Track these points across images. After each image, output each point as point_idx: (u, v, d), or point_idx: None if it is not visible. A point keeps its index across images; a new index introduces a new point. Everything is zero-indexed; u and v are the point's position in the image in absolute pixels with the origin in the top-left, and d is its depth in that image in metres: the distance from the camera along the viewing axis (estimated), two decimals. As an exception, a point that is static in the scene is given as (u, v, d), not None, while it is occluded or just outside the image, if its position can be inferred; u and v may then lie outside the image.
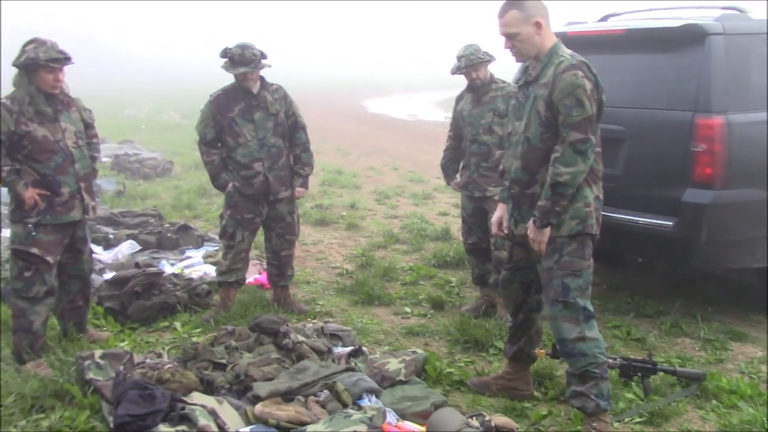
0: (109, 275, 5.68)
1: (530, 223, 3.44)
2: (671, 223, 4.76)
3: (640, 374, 3.98)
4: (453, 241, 7.30)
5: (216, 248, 6.79)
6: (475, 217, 5.26)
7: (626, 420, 3.71)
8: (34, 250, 4.12)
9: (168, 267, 6.16)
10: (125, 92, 35.50)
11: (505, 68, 4.98)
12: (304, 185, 5.33)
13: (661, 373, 4.05)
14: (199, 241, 7.08)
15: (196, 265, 6.27)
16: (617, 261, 6.48)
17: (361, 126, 21.80)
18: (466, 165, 5.24)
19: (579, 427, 3.53)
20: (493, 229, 3.87)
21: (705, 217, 4.69)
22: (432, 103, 30.63)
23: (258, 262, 6.27)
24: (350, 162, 13.81)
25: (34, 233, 4.11)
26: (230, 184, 5.08)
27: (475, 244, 5.35)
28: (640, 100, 5.07)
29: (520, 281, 3.80)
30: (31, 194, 4.08)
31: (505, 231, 3.75)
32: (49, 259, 4.17)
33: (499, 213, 3.80)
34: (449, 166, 5.47)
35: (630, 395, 3.96)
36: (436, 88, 35.13)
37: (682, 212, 4.74)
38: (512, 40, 3.46)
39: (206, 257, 6.51)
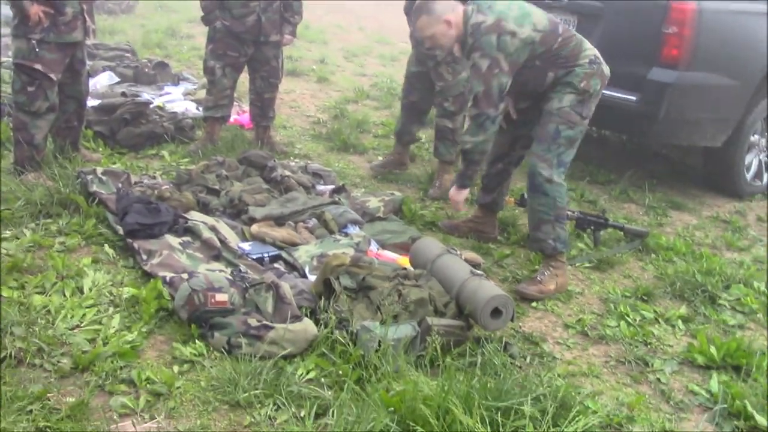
0: (92, 102, 5.81)
1: (452, 186, 4.05)
2: (634, 98, 5.16)
3: (593, 227, 4.48)
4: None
5: (194, 86, 6.93)
6: (420, 77, 5.22)
7: (577, 264, 4.22)
8: (38, 66, 4.24)
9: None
10: None
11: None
12: (293, 33, 5.48)
13: (611, 228, 4.56)
14: (176, 79, 7.19)
15: (177, 101, 6.42)
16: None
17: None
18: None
19: (537, 267, 4.01)
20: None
21: (666, 95, 5.09)
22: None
23: (237, 103, 6.46)
24: (316, 18, 13.68)
25: (37, 50, 4.22)
26: (218, 22, 5.20)
27: (414, 103, 5.33)
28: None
29: (511, 133, 4.12)
30: (36, 10, 4.17)
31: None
32: (52, 76, 4.31)
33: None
34: (410, 12, 5.49)
35: (581, 245, 4.47)
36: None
37: (646, 89, 5.13)
38: (430, 41, 3.84)
39: (186, 94, 6.66)
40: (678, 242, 4.62)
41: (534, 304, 3.68)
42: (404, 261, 3.75)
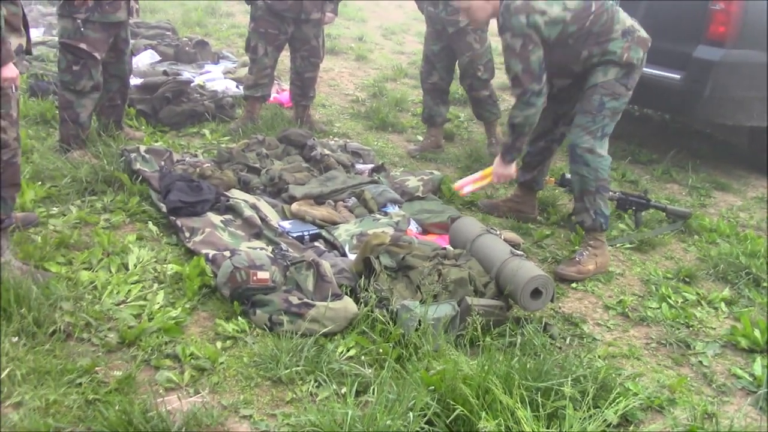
0: (134, 81, 5.88)
1: (497, 158, 3.96)
2: (679, 77, 5.07)
3: (634, 208, 4.42)
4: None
5: (234, 65, 6.97)
6: (441, 56, 5.32)
7: (618, 245, 4.18)
8: (83, 45, 4.31)
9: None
10: None
11: None
12: (334, 11, 5.48)
13: (653, 209, 4.50)
14: (215, 58, 7.24)
15: (217, 79, 6.46)
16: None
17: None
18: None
19: (576, 247, 3.98)
20: None
21: (712, 74, 5.00)
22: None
23: (277, 81, 6.48)
24: (354, -5, 13.66)
25: (82, 29, 4.28)
26: (260, 0, 5.21)
27: (435, 83, 5.43)
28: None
29: (553, 111, 4.07)
30: None
31: None
32: (97, 55, 4.37)
33: None
34: None
35: (623, 226, 4.42)
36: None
37: (691, 67, 5.03)
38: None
39: (226, 72, 6.70)
40: (722, 223, 4.55)
41: (574, 284, 3.66)
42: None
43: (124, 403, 2.29)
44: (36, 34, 7.47)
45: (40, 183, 4.01)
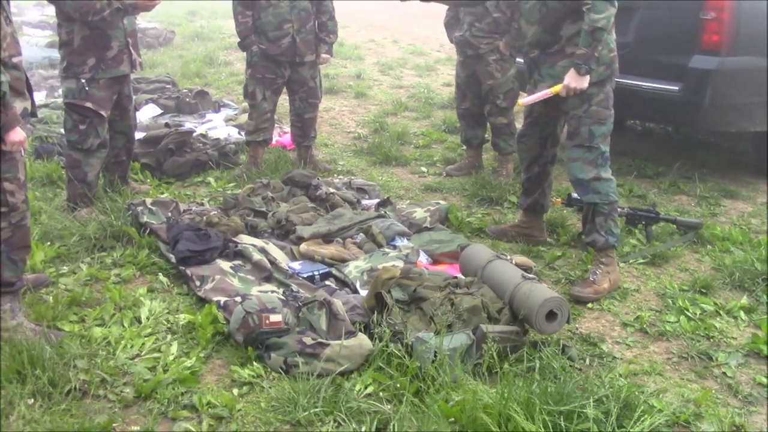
0: (137, 135, 5.94)
1: (571, 71, 3.65)
2: (677, 88, 5.07)
3: (644, 222, 4.40)
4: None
5: (235, 112, 7.03)
6: (469, 83, 5.53)
7: (631, 261, 4.15)
8: (88, 104, 4.35)
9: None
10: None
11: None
12: (329, 52, 5.54)
13: (663, 222, 4.47)
14: (216, 106, 7.32)
15: (219, 127, 6.52)
16: (618, 128, 6.80)
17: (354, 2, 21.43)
18: (461, 25, 5.44)
19: (588, 266, 3.95)
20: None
21: (710, 83, 5.00)
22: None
23: (278, 125, 6.54)
24: (350, 34, 13.78)
25: (87, 88, 4.33)
26: (255, 46, 5.28)
27: (467, 109, 5.66)
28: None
29: (538, 135, 4.12)
30: None
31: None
32: (103, 113, 4.41)
33: None
34: (452, 25, 5.64)
35: (634, 241, 4.39)
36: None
37: (689, 77, 5.04)
38: None
39: (227, 120, 6.76)
40: (734, 231, 4.51)
41: (590, 304, 3.63)
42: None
43: (142, 458, 2.27)
44: (39, 97, 7.57)
45: (49, 243, 4.02)
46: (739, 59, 5.05)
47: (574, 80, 3.66)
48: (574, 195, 4.28)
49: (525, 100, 3.92)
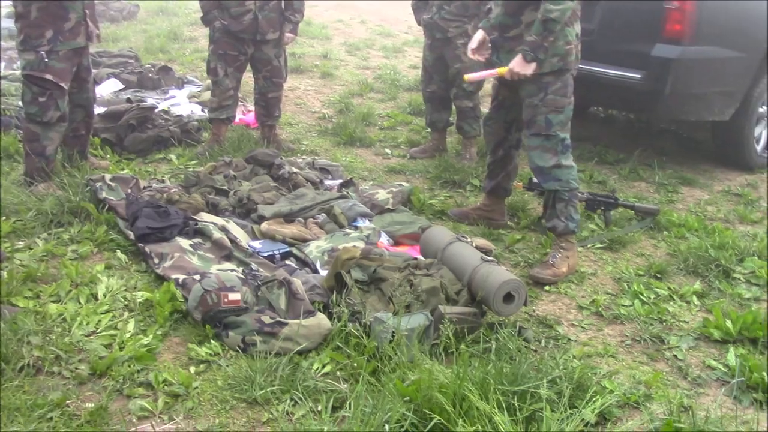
0: (98, 110, 5.84)
1: (518, 57, 3.68)
2: (639, 76, 5.13)
3: (603, 208, 4.46)
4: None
5: (198, 88, 6.95)
6: (436, 66, 5.52)
7: (589, 246, 4.21)
8: (48, 76, 4.25)
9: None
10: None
11: None
12: (294, 31, 5.49)
13: (621, 208, 4.54)
14: (180, 83, 7.21)
15: (182, 104, 6.44)
16: (581, 114, 6.88)
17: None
18: (429, 7, 5.42)
19: (548, 250, 3.99)
20: (469, 53, 4.04)
21: (671, 71, 5.06)
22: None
23: (242, 103, 6.48)
24: (317, 14, 13.66)
25: (46, 60, 4.24)
26: (217, 22, 5.21)
27: (434, 92, 5.64)
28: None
29: (503, 119, 4.14)
30: None
31: (483, 58, 4.00)
32: (63, 84, 4.31)
33: (478, 37, 3.97)
34: (419, 7, 5.60)
35: (593, 226, 4.46)
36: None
37: (650, 66, 5.10)
38: None
39: (190, 97, 6.68)
40: (690, 218, 4.60)
41: (547, 287, 3.68)
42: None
43: (96, 435, 2.26)
44: (-3, 68, 7.40)
45: (5, 218, 3.95)
46: (700, 49, 5.13)
47: (519, 66, 3.68)
48: (535, 179, 4.32)
49: (471, 76, 3.94)
